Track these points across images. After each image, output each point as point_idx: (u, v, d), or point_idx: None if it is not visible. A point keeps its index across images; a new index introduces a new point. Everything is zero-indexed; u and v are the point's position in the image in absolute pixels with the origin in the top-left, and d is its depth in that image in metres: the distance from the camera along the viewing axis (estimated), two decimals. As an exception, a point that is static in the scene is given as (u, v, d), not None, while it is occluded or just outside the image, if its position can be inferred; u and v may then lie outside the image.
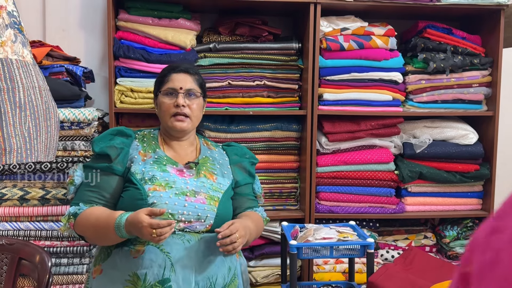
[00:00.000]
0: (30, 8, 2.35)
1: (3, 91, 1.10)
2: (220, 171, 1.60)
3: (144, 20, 2.20)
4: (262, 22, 2.35)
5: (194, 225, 1.45)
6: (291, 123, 2.34)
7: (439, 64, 2.32)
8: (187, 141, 1.61)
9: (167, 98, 1.56)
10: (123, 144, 1.52)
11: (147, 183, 1.45)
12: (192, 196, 1.47)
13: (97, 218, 1.40)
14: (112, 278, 1.43)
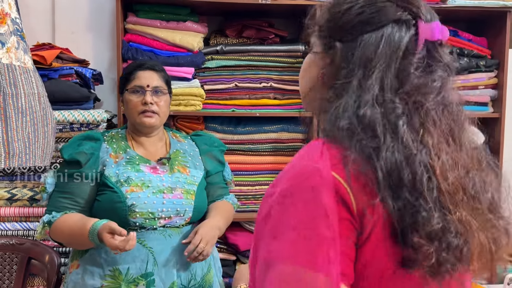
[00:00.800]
0: (39, 11, 2.37)
1: (8, 96, 1.11)
2: (192, 163, 1.61)
3: (152, 22, 2.21)
4: (269, 24, 2.36)
5: (174, 220, 1.49)
6: (298, 125, 2.34)
7: (445, 66, 2.31)
8: (156, 137, 1.61)
9: (134, 95, 1.55)
10: (92, 148, 1.51)
11: (123, 185, 1.45)
12: (169, 193, 1.49)
13: (70, 227, 1.42)
14: (91, 272, 1.45)
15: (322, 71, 0.81)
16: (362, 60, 0.75)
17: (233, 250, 2.29)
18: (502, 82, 2.38)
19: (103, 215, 1.45)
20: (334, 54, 0.78)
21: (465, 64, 2.35)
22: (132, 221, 1.44)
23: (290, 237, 0.67)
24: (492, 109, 2.44)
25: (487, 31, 2.47)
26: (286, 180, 0.73)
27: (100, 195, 1.49)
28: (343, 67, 0.76)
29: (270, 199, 0.74)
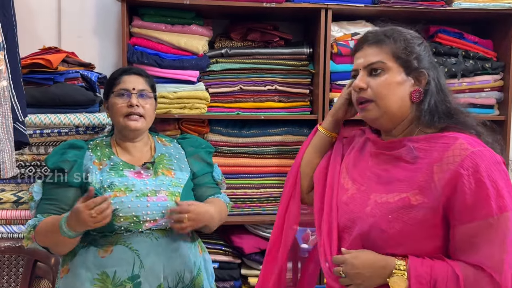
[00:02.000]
0: (46, 15, 2.37)
1: None
2: (178, 165, 1.59)
3: (157, 26, 2.20)
4: (273, 27, 2.34)
5: (160, 222, 1.47)
6: (302, 128, 2.32)
7: (450, 68, 2.29)
8: (141, 142, 1.59)
9: (120, 99, 1.53)
10: (76, 156, 1.51)
11: (106, 191, 1.44)
12: (153, 195, 1.47)
13: (47, 226, 1.42)
14: (80, 277, 1.43)
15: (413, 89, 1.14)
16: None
17: (238, 253, 2.28)
18: (508, 84, 2.35)
19: None
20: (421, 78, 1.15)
21: (470, 66, 2.32)
22: (117, 226, 1.43)
23: None
24: (498, 112, 2.41)
25: (493, 34, 2.44)
26: None
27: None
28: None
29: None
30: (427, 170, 1.06)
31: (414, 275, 1.02)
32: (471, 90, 2.36)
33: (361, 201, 1.15)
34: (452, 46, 2.35)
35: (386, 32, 1.16)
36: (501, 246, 1.00)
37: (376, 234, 1.09)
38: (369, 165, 1.20)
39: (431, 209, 1.04)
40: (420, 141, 1.11)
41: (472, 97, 2.36)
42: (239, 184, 2.28)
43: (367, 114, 1.15)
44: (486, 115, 2.38)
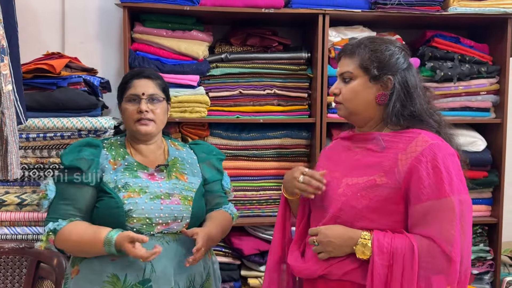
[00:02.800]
0: (50, 22, 2.40)
1: None
2: (190, 170, 1.59)
3: (158, 32, 2.22)
4: (272, 33, 2.36)
5: (172, 226, 1.46)
6: (301, 131, 2.34)
7: (446, 72, 2.30)
8: (154, 145, 1.58)
9: (130, 104, 1.52)
10: (93, 155, 1.49)
11: (121, 191, 1.43)
12: (167, 198, 1.47)
13: (79, 236, 1.39)
14: (90, 279, 1.42)
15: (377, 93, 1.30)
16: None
17: (238, 255, 2.28)
18: (504, 88, 2.35)
19: (101, 221, 1.43)
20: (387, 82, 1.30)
21: (466, 70, 2.33)
22: (129, 227, 1.42)
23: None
24: (494, 115, 2.41)
25: (489, 38, 2.45)
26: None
27: (98, 201, 1.46)
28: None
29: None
30: (393, 158, 1.25)
31: (377, 244, 1.19)
32: (467, 94, 2.36)
33: (334, 185, 1.32)
34: (448, 50, 2.35)
35: (358, 44, 1.33)
36: (451, 223, 1.17)
37: (347, 210, 1.26)
38: (342, 158, 1.38)
39: (393, 188, 1.22)
40: (387, 136, 1.30)
41: (469, 101, 2.37)
42: (239, 187, 2.29)
43: (339, 113, 1.37)
44: (482, 118, 2.39)
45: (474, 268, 2.34)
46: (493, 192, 2.40)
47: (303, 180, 1.31)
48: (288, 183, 1.39)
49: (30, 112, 1.87)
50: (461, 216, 1.17)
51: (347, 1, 2.21)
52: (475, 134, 2.38)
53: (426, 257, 1.16)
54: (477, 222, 2.37)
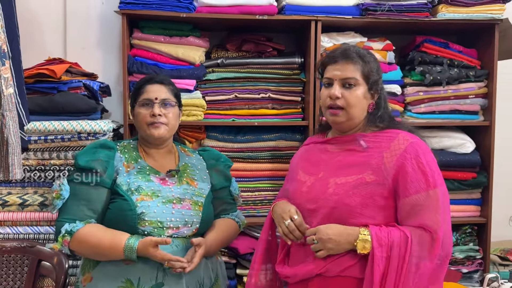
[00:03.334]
0: (52, 28, 2.44)
1: None
2: (200, 176, 1.60)
3: (156, 38, 2.26)
4: (267, 38, 2.40)
5: (182, 230, 1.48)
6: (295, 133, 2.37)
7: (435, 76, 2.34)
8: (165, 149, 1.61)
9: (143, 108, 1.55)
10: (108, 157, 1.50)
11: (134, 194, 1.44)
12: (178, 203, 1.48)
13: (99, 241, 1.40)
14: (104, 285, 1.42)
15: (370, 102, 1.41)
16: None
17: (234, 254, 2.31)
18: (492, 91, 2.38)
19: (113, 222, 1.44)
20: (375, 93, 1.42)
21: (455, 74, 2.36)
22: (141, 229, 1.43)
23: None
24: (483, 118, 2.44)
25: (477, 43, 2.48)
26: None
27: (111, 203, 1.47)
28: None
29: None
30: (378, 156, 1.33)
31: (376, 238, 1.25)
32: (456, 97, 2.39)
33: (321, 186, 1.36)
34: (438, 55, 2.39)
35: (358, 53, 1.39)
36: (437, 211, 1.27)
37: (341, 208, 1.31)
38: (322, 159, 1.42)
39: (381, 185, 1.30)
40: (367, 136, 1.39)
41: (457, 104, 2.40)
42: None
43: (336, 118, 1.39)
44: (471, 121, 2.42)
45: (464, 267, 2.36)
46: (482, 192, 2.42)
47: (288, 225, 1.36)
48: (276, 217, 1.44)
49: (32, 116, 1.91)
50: (443, 205, 1.28)
51: (339, 8, 2.25)
52: (464, 136, 2.41)
53: (417, 245, 1.24)
54: (467, 222, 2.40)
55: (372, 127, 1.41)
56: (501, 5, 2.31)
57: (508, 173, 2.54)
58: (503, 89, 2.43)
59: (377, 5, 2.24)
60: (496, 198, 2.41)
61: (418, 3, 2.27)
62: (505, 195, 2.49)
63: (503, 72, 2.43)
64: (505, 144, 2.51)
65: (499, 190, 2.45)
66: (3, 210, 2.04)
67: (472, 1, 2.29)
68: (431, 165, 1.31)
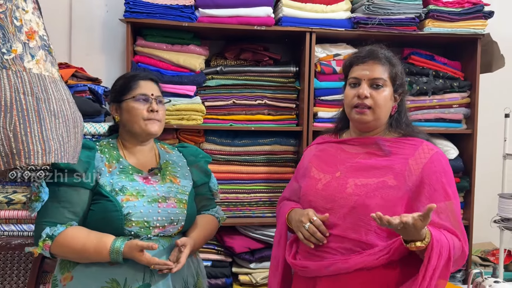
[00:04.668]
0: (59, 34, 2.47)
1: (41, 100, 1.19)
2: (182, 173, 1.56)
3: (159, 46, 2.30)
4: (264, 48, 2.46)
5: (168, 229, 1.44)
6: (289, 138, 2.42)
7: (422, 86, 2.41)
8: (148, 146, 1.54)
9: (140, 103, 1.47)
10: (88, 157, 1.41)
11: (118, 194, 1.38)
12: (164, 202, 1.44)
13: (82, 244, 1.33)
14: (86, 284, 1.36)
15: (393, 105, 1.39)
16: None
17: (230, 253, 2.35)
18: (474, 101, 2.47)
19: (97, 224, 1.38)
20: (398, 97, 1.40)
21: (440, 85, 2.44)
22: (127, 230, 1.37)
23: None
24: (465, 126, 2.52)
25: (461, 56, 2.57)
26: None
27: (94, 204, 1.39)
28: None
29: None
30: (402, 162, 1.30)
31: (436, 238, 1.19)
32: (441, 106, 2.47)
33: (338, 185, 1.34)
34: (424, 66, 2.47)
35: (385, 55, 1.37)
36: (460, 222, 1.28)
37: (360, 209, 1.28)
38: (339, 159, 1.39)
39: (402, 190, 1.28)
40: (389, 141, 1.35)
41: (442, 113, 2.48)
42: (231, 189, 2.36)
43: (363, 117, 1.34)
44: (455, 129, 2.50)
45: (448, 267, 2.43)
46: (464, 196, 2.50)
47: (309, 228, 1.30)
48: (294, 224, 1.37)
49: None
50: (459, 216, 1.30)
51: (332, 21, 2.32)
52: (448, 143, 2.48)
53: (457, 250, 1.24)
54: (450, 224, 2.46)
55: (393, 132, 1.38)
56: (483, 21, 2.40)
57: (489, 178, 2.62)
58: (485, 99, 2.52)
59: (368, 19, 2.31)
60: (477, 201, 2.48)
61: (406, 17, 2.35)
62: (486, 198, 2.56)
63: (485, 83, 2.52)
64: (486, 150, 2.59)
65: (480, 194, 2.52)
66: (8, 208, 2.05)
67: (456, 17, 2.38)
68: (451, 177, 1.31)
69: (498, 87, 2.73)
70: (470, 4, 2.39)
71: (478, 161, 2.45)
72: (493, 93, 2.69)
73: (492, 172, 2.59)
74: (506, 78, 2.71)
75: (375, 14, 2.31)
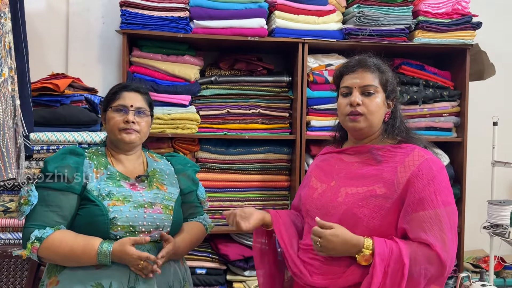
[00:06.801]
0: (56, 45, 2.50)
1: (18, 119, 1.35)
2: (169, 181, 1.57)
3: (154, 56, 2.33)
4: (258, 58, 2.49)
5: (153, 234, 1.44)
6: (283, 147, 2.44)
7: (412, 95, 2.45)
8: (134, 155, 1.56)
9: (117, 114, 1.49)
10: (77, 163, 1.43)
11: (105, 199, 1.40)
12: (150, 208, 1.45)
13: (70, 247, 1.34)
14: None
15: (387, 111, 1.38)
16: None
17: (224, 260, 2.36)
18: (464, 110, 2.50)
19: (83, 228, 1.39)
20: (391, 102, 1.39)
21: (430, 94, 2.48)
22: (113, 234, 1.38)
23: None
24: (456, 134, 2.55)
25: (450, 66, 2.61)
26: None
27: (81, 209, 1.41)
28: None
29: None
30: (391, 170, 1.28)
31: (378, 252, 1.19)
32: (431, 115, 2.51)
33: (331, 194, 1.34)
34: (414, 76, 2.50)
35: (374, 62, 1.37)
36: (444, 231, 1.21)
37: (348, 218, 1.27)
38: (336, 169, 1.39)
39: (391, 198, 1.26)
40: (383, 149, 1.34)
41: (433, 121, 2.51)
42: (225, 197, 2.38)
43: (357, 124, 1.34)
44: (445, 137, 2.53)
45: (440, 274, 2.44)
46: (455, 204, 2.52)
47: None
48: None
49: (36, 127, 1.96)
50: (450, 224, 1.22)
51: (324, 32, 2.36)
52: (439, 151, 2.50)
53: (424, 263, 1.19)
54: (442, 231, 2.48)
55: (389, 139, 1.36)
56: (472, 31, 2.45)
57: (479, 185, 2.64)
58: (474, 108, 2.56)
59: (359, 30, 2.35)
60: (468, 209, 2.50)
61: (397, 28, 2.39)
62: (477, 206, 2.58)
63: (474, 92, 2.55)
64: (476, 158, 2.61)
65: (471, 201, 2.55)
66: (5, 216, 2.06)
67: (445, 28, 2.42)
68: (442, 183, 1.25)
69: (486, 96, 2.77)
70: (458, 15, 2.44)
71: (468, 168, 2.48)
72: (482, 102, 2.72)
73: (482, 179, 2.61)
74: (494, 87, 2.75)
75: (366, 25, 2.35)
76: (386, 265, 1.18)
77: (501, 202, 2.26)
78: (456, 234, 1.26)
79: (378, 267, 1.18)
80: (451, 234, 1.22)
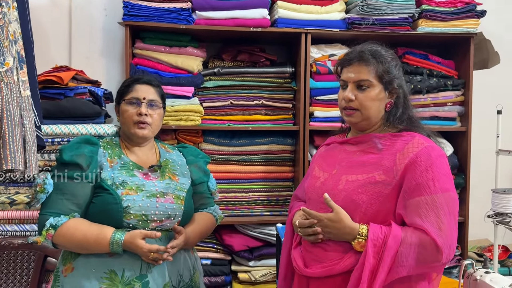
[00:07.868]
0: (59, 38, 2.51)
1: (25, 111, 1.33)
2: (181, 171, 1.60)
3: (157, 48, 2.33)
4: (261, 49, 2.48)
5: (165, 223, 1.48)
6: (286, 138, 2.44)
7: (416, 85, 2.43)
8: (147, 146, 1.59)
9: (131, 106, 1.52)
10: (91, 152, 1.47)
11: (118, 188, 1.43)
12: (162, 197, 1.48)
13: (84, 235, 1.38)
14: (86, 275, 1.40)
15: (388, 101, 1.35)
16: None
17: (229, 251, 2.37)
18: (468, 99, 2.49)
19: (97, 216, 1.43)
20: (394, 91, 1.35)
21: (434, 83, 2.46)
22: (125, 222, 1.42)
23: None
24: (460, 124, 2.54)
25: (454, 55, 2.59)
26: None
27: (95, 197, 1.45)
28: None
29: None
30: (391, 157, 1.29)
31: (372, 238, 1.22)
32: (435, 105, 2.49)
33: (333, 182, 1.35)
34: (418, 65, 2.49)
35: (372, 54, 1.33)
36: (441, 218, 1.21)
37: (347, 204, 1.28)
38: (339, 158, 1.40)
39: (390, 185, 1.26)
40: (383, 137, 1.33)
41: (436, 111, 2.49)
42: (229, 189, 2.39)
43: (351, 119, 1.35)
44: (449, 127, 2.52)
45: (444, 263, 2.44)
46: (459, 193, 2.51)
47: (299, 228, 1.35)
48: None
49: (40, 119, 1.96)
50: (449, 211, 1.21)
51: (327, 22, 2.34)
52: (443, 140, 2.50)
53: (419, 247, 1.19)
54: (446, 221, 2.47)
55: (390, 127, 1.36)
56: (476, 20, 2.42)
57: (484, 174, 2.63)
58: (478, 97, 2.54)
59: (362, 19, 2.34)
60: (473, 198, 2.50)
61: (400, 17, 2.37)
62: (481, 195, 2.57)
63: (478, 81, 2.53)
64: (481, 147, 2.60)
65: (475, 190, 2.54)
66: (11, 208, 2.07)
67: (449, 16, 2.40)
68: (441, 170, 1.25)
69: (490, 84, 2.74)
70: (462, 4, 2.42)
71: (473, 158, 2.47)
72: (486, 91, 2.70)
73: (486, 168, 2.60)
74: (498, 76, 2.73)
75: (369, 14, 2.33)
76: (379, 251, 1.20)
77: (505, 191, 2.24)
78: (456, 221, 1.25)
79: (371, 252, 1.20)
80: (449, 220, 1.21)
